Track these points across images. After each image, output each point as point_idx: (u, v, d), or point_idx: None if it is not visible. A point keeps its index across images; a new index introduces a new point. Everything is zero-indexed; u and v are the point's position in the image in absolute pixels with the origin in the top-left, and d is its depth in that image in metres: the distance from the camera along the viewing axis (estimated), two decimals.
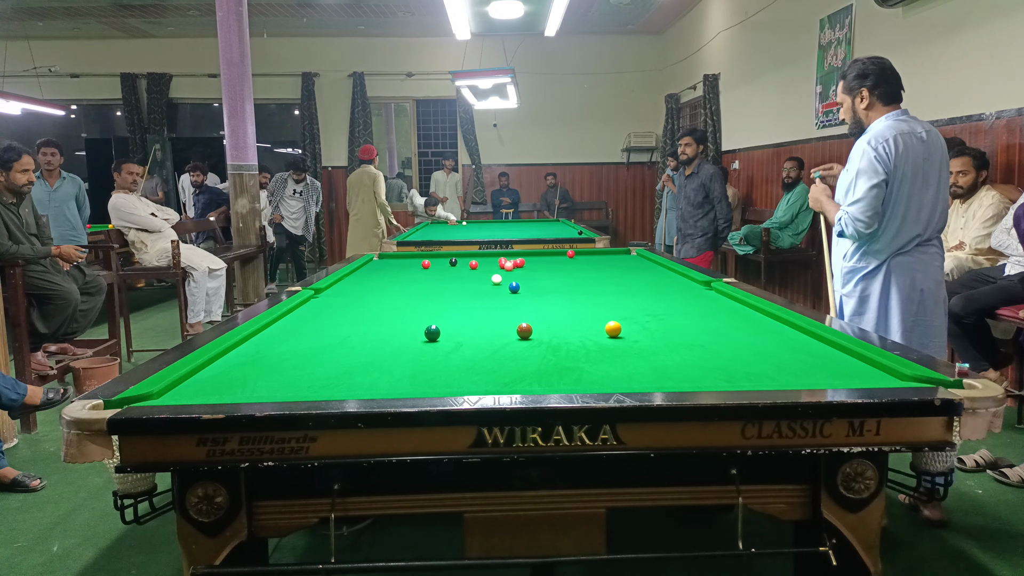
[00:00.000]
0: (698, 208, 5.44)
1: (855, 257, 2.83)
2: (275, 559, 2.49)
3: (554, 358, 1.99)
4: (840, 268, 2.93)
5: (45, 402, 3.26)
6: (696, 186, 5.44)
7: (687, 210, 5.47)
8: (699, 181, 5.44)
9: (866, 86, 2.77)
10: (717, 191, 5.43)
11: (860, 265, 2.81)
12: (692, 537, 2.73)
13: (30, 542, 2.80)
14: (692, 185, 5.44)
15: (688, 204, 5.45)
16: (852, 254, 2.85)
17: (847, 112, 2.85)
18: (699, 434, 1.54)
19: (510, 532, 1.64)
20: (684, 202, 5.45)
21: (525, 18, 8.61)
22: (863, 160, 2.69)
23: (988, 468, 3.28)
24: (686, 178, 5.49)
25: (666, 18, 10.54)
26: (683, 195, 5.48)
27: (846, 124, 2.93)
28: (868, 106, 2.78)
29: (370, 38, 11.27)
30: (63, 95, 10.98)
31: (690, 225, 5.48)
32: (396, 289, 3.34)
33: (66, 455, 1.50)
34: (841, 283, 2.93)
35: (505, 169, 11.50)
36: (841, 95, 2.87)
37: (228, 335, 2.21)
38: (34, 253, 4.30)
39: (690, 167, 5.48)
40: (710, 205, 5.48)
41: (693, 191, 5.43)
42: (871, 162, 2.67)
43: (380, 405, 1.56)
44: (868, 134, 2.74)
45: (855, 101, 2.80)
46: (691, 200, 5.44)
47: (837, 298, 2.98)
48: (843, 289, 2.92)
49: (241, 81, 7.08)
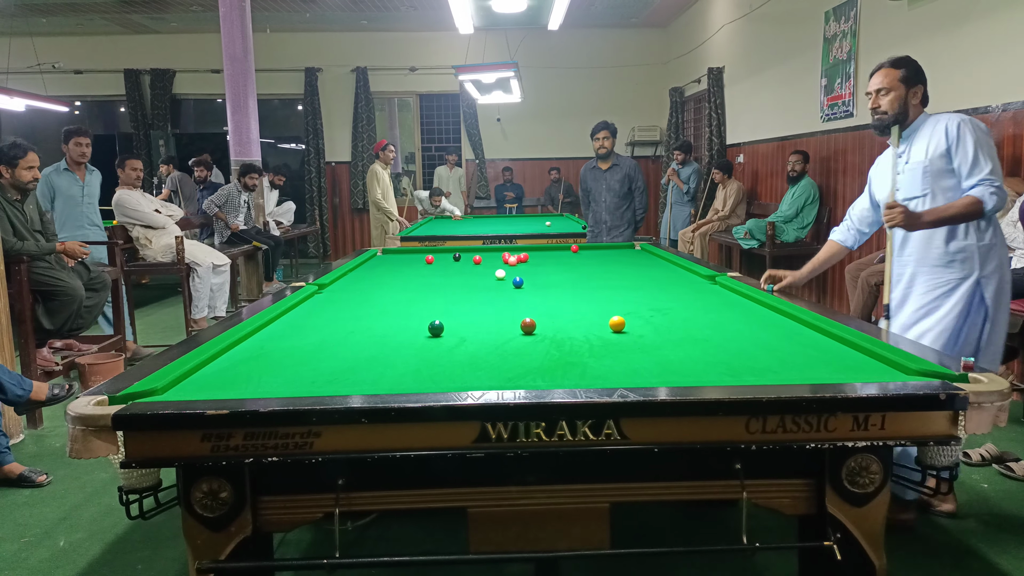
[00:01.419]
0: (624, 199, 5.56)
1: (989, 231, 2.71)
2: (280, 554, 2.50)
3: (558, 353, 1.99)
4: (953, 253, 2.73)
5: (51, 398, 3.27)
6: (620, 178, 5.53)
7: (613, 202, 5.56)
8: (623, 172, 5.54)
9: (923, 84, 2.77)
10: (640, 182, 5.58)
11: (994, 241, 2.71)
12: (696, 532, 2.72)
13: (37, 537, 2.81)
14: (616, 177, 5.54)
15: (614, 196, 5.55)
16: (986, 227, 2.70)
17: (895, 102, 2.77)
18: (703, 429, 1.54)
19: (514, 527, 1.64)
20: (609, 195, 5.55)
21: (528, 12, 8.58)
22: (976, 132, 2.64)
23: (994, 462, 3.27)
24: (606, 171, 5.57)
25: (670, 11, 10.50)
26: (605, 187, 5.56)
27: (879, 113, 2.81)
28: (919, 102, 2.78)
29: (373, 33, 11.25)
30: (67, 91, 10.99)
31: (617, 217, 5.58)
32: (400, 284, 3.34)
33: (72, 451, 1.51)
34: (961, 270, 2.71)
35: (509, 164, 11.49)
36: (893, 83, 2.76)
37: (232, 331, 2.22)
38: (39, 249, 4.31)
39: (609, 160, 5.55)
40: (632, 196, 5.61)
41: (618, 183, 5.53)
42: (985, 133, 2.65)
43: (384, 400, 1.56)
44: (942, 120, 2.70)
45: (910, 93, 2.76)
46: (616, 192, 5.54)
47: (935, 292, 2.76)
48: (957, 273, 2.71)
49: (244, 77, 7.08)
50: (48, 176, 5.28)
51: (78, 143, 5.38)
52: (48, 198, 5.32)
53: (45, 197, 5.27)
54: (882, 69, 2.80)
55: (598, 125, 5.49)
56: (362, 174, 11.26)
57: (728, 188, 7.92)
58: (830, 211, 6.33)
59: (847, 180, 6.03)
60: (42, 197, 5.21)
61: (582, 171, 5.74)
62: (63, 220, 5.33)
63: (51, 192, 5.34)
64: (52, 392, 3.27)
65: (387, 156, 7.77)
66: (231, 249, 7.02)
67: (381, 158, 7.77)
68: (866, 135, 5.66)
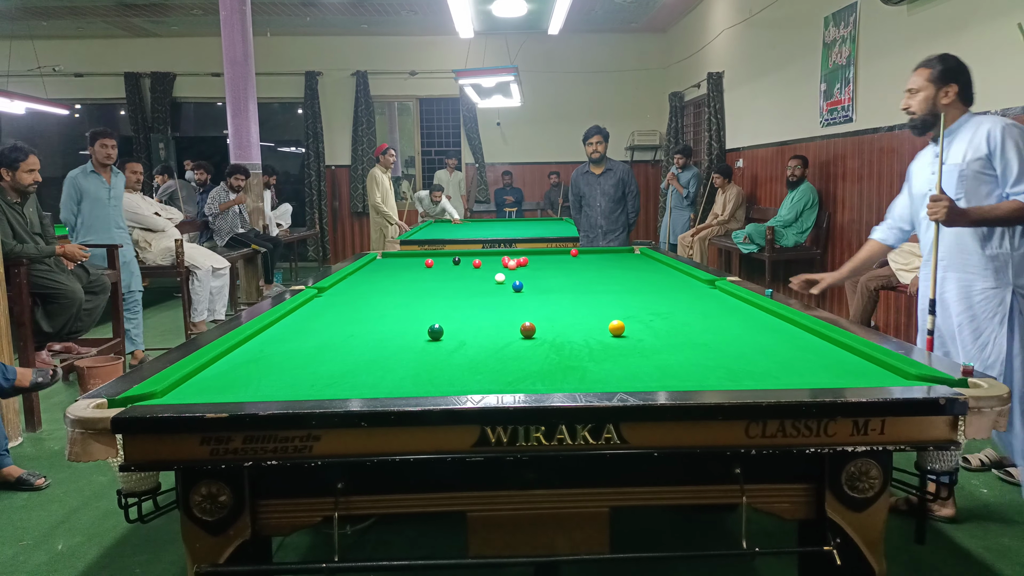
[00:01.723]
0: (618, 204, 5.62)
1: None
2: (279, 558, 2.49)
3: (557, 357, 1.99)
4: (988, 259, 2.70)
5: (34, 384, 3.26)
6: (615, 182, 5.58)
7: (608, 207, 5.61)
8: (617, 177, 5.59)
9: (957, 83, 2.71)
10: (634, 186, 5.65)
11: None
12: (696, 536, 2.72)
13: (35, 540, 2.81)
14: (610, 182, 5.59)
15: (608, 201, 5.60)
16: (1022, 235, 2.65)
17: (924, 103, 2.74)
18: (703, 433, 1.53)
19: (513, 531, 1.64)
20: (603, 199, 5.61)
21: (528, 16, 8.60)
22: (1021, 138, 2.60)
23: (993, 467, 3.27)
24: (600, 176, 5.61)
25: (670, 16, 10.52)
26: (600, 192, 5.61)
27: (908, 113, 2.79)
28: (950, 103, 2.73)
29: (373, 37, 11.27)
30: (67, 94, 11.00)
31: (612, 221, 5.63)
32: (399, 288, 3.34)
33: (70, 454, 1.51)
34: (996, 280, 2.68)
35: (508, 168, 11.50)
36: (922, 83, 2.75)
37: (232, 334, 2.22)
38: (38, 252, 4.31)
39: (602, 165, 5.59)
40: (625, 201, 5.67)
41: (612, 187, 5.58)
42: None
43: (383, 404, 1.56)
44: (985, 123, 2.66)
45: (939, 93, 2.72)
46: (611, 196, 5.60)
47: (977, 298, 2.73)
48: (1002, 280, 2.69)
49: (244, 80, 7.09)
50: (75, 178, 5.16)
51: (104, 145, 5.19)
52: (75, 200, 5.16)
53: (72, 200, 5.14)
54: (917, 68, 2.78)
55: (591, 130, 5.51)
56: (362, 178, 11.27)
57: (728, 192, 7.93)
58: (829, 216, 6.34)
59: (846, 185, 6.04)
60: (68, 200, 5.12)
61: (573, 176, 5.76)
62: (90, 223, 5.17)
63: (78, 195, 5.16)
64: (36, 379, 3.27)
65: (387, 160, 7.78)
66: (230, 252, 7.03)
67: (381, 162, 7.79)
68: (865, 140, 5.67)
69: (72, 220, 5.18)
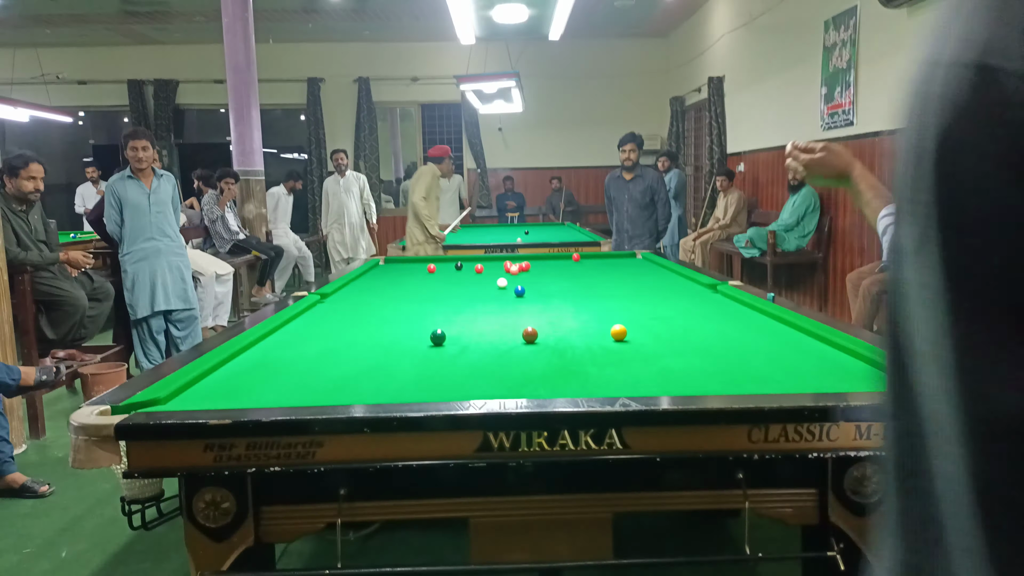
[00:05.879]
0: (644, 210, 5.75)
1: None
2: (282, 564, 2.49)
3: (560, 362, 1.99)
4: None
5: (39, 382, 3.29)
6: (643, 189, 5.71)
7: (634, 212, 5.75)
8: (645, 184, 5.73)
9: None
10: (663, 194, 5.77)
11: None
12: (699, 542, 2.72)
13: (39, 548, 2.81)
14: (639, 188, 5.72)
15: (635, 207, 5.73)
16: None
17: None
18: (705, 438, 1.53)
19: (516, 537, 1.64)
20: (631, 205, 5.73)
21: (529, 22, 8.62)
22: None
23: None
24: (629, 182, 5.74)
25: (670, 21, 10.53)
26: (627, 198, 5.69)
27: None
28: None
29: (375, 43, 11.30)
30: (70, 102, 11.03)
31: (638, 227, 5.75)
32: (401, 294, 3.34)
33: (74, 461, 1.51)
34: None
35: (510, 173, 11.50)
36: None
37: (235, 340, 2.22)
38: (42, 259, 4.33)
39: (633, 171, 5.73)
40: (654, 207, 5.78)
41: (640, 194, 5.71)
42: None
43: (386, 410, 1.56)
44: None
45: None
46: (638, 203, 5.72)
47: None
48: None
49: (247, 87, 7.11)
50: (112, 185, 4.77)
51: (134, 147, 4.71)
52: (116, 209, 4.74)
53: (113, 208, 4.73)
54: None
55: (625, 137, 5.64)
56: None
57: (729, 197, 7.93)
58: (831, 220, 6.33)
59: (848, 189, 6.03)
60: (109, 208, 4.73)
61: (607, 179, 5.94)
62: (133, 233, 4.76)
63: (118, 203, 4.74)
64: (40, 377, 3.29)
65: (447, 167, 6.45)
66: (234, 259, 7.04)
67: (442, 166, 6.31)
68: (867, 143, 5.67)
69: (117, 231, 4.77)
